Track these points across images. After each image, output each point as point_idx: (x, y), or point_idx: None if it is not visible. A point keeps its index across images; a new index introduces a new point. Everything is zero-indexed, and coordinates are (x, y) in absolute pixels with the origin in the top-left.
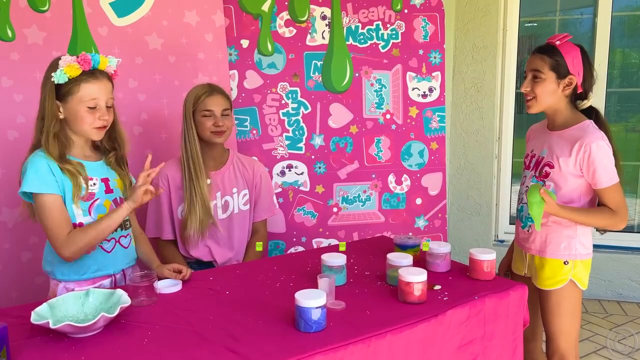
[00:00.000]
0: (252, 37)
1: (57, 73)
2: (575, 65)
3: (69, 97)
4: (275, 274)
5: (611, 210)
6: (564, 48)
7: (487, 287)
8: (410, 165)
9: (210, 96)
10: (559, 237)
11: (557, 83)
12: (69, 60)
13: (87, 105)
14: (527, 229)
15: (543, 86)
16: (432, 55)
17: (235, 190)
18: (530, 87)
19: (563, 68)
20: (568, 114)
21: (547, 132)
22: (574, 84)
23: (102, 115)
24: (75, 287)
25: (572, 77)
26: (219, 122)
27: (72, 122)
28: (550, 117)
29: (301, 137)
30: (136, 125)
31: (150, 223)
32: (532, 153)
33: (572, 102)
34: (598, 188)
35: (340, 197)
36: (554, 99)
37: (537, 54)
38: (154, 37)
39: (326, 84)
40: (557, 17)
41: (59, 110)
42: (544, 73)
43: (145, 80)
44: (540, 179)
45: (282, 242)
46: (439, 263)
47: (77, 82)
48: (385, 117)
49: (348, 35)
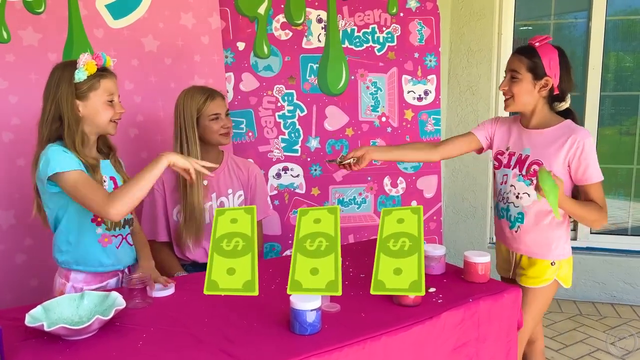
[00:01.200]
0: (248, 39)
1: (79, 72)
2: (552, 67)
3: (90, 93)
4: (270, 276)
5: (599, 206)
6: (542, 50)
7: (482, 289)
8: (406, 168)
9: (214, 100)
10: (550, 238)
11: (534, 84)
12: (87, 58)
13: (107, 100)
14: (516, 229)
15: (520, 86)
16: (428, 58)
17: (230, 191)
18: (508, 87)
19: (540, 69)
20: (545, 114)
21: (525, 131)
22: (549, 85)
23: (118, 108)
24: (84, 285)
25: (549, 79)
26: (226, 123)
27: (90, 118)
28: (526, 116)
29: (297, 140)
30: (132, 127)
31: (145, 225)
32: (509, 151)
33: (549, 104)
34: (587, 184)
35: (336, 200)
36: (530, 99)
37: (516, 55)
38: (150, 39)
39: (322, 86)
40: (552, 21)
41: (78, 110)
42: (521, 73)
43: (141, 82)
44: (528, 177)
45: (278, 245)
46: (433, 266)
47: (97, 78)
48: (381, 119)
49: (344, 38)
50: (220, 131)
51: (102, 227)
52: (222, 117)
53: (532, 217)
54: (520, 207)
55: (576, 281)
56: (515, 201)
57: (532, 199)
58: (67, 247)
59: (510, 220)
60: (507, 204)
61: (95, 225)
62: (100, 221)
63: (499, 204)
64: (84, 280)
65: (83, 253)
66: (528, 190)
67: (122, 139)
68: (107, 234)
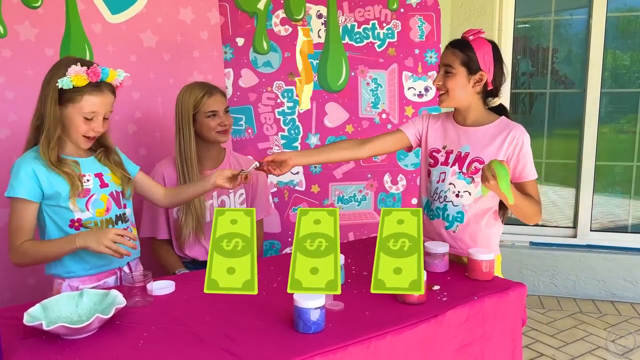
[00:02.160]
0: (248, 35)
1: (64, 80)
2: (486, 61)
3: (69, 104)
4: (272, 274)
5: (537, 201)
6: (476, 44)
7: (486, 287)
8: (406, 165)
9: (212, 96)
10: (489, 235)
11: (468, 78)
12: (78, 70)
13: (85, 117)
14: (454, 229)
15: (454, 81)
16: (428, 54)
17: (231, 190)
18: (442, 81)
19: (474, 63)
20: (481, 111)
21: (461, 128)
22: (484, 80)
23: (96, 127)
24: (80, 284)
25: (483, 73)
26: (224, 121)
27: (65, 126)
28: (462, 112)
29: (297, 137)
30: (130, 124)
31: (145, 222)
32: (447, 149)
33: (483, 100)
34: (525, 181)
35: (335, 197)
36: (465, 94)
37: (450, 48)
38: (149, 35)
39: (322, 83)
40: (552, 18)
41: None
42: (455, 68)
43: (140, 78)
44: (469, 175)
45: (278, 242)
46: (437, 263)
47: (81, 92)
48: (381, 116)
49: (344, 34)
50: (217, 128)
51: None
52: (220, 114)
53: (472, 215)
54: (459, 205)
55: (576, 279)
56: (455, 200)
57: (473, 197)
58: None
59: (448, 220)
60: (445, 202)
61: (75, 230)
62: (78, 226)
63: (432, 203)
64: (80, 279)
65: (69, 260)
66: (469, 188)
67: (120, 136)
68: None
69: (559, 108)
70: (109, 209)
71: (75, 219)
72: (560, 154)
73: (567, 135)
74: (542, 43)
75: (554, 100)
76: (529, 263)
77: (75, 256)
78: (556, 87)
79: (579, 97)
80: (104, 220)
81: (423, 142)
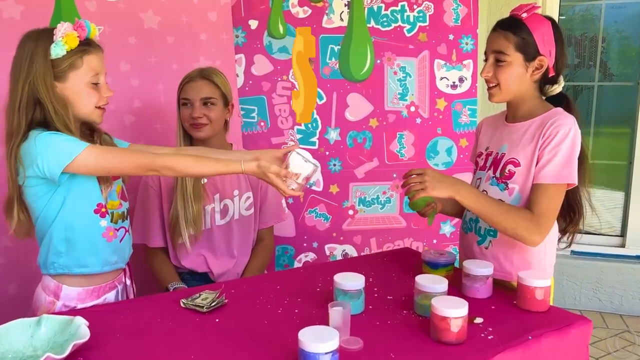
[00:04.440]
0: (262, 17)
1: (57, 46)
2: (546, 43)
3: (70, 73)
4: (277, 295)
5: (530, 213)
6: (532, 22)
7: (542, 321)
8: (437, 164)
9: (190, 82)
10: (531, 255)
11: (525, 66)
12: (67, 28)
13: (91, 81)
14: (486, 245)
15: (508, 71)
16: (464, 41)
17: (236, 192)
18: (493, 72)
19: (532, 48)
20: (534, 102)
21: (505, 126)
22: (545, 67)
23: (105, 91)
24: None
25: (543, 58)
26: (194, 112)
27: (70, 104)
28: (512, 106)
29: (314, 131)
30: (128, 114)
31: (136, 228)
32: (487, 151)
33: (541, 88)
34: (538, 182)
35: (356, 199)
36: (521, 86)
37: (500, 31)
38: (150, 15)
39: (344, 71)
40: (604, 1)
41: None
42: (509, 55)
43: (139, 64)
44: (502, 181)
45: (291, 248)
46: (478, 287)
47: (79, 54)
48: (410, 109)
49: (369, 17)
50: (189, 121)
51: (106, 218)
52: (195, 104)
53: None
54: None
55: (623, 293)
56: None
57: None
58: (65, 247)
59: (480, 234)
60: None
61: (99, 217)
62: (105, 212)
63: (467, 214)
64: (77, 297)
65: (86, 252)
66: (502, 196)
67: (117, 127)
68: (112, 227)
69: (607, 103)
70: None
71: (103, 203)
72: (607, 153)
73: (615, 133)
74: (589, 30)
75: (600, 95)
76: (569, 273)
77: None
78: (604, 80)
79: (632, 90)
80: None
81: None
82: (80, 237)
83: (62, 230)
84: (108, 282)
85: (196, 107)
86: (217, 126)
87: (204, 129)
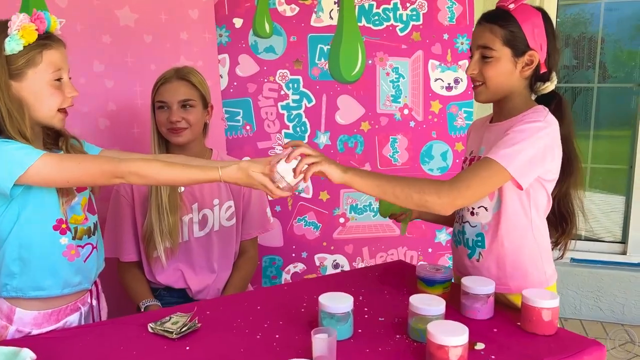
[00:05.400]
0: (247, 15)
1: (12, 40)
2: (537, 36)
3: (27, 71)
4: (257, 317)
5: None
6: (520, 14)
7: (550, 347)
8: (432, 170)
9: (167, 83)
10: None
11: (514, 62)
12: (23, 20)
13: (52, 79)
14: (477, 258)
15: (496, 67)
16: (459, 40)
17: (216, 201)
18: (478, 70)
19: (521, 41)
20: (520, 100)
21: (487, 127)
22: (535, 62)
23: (70, 90)
24: (34, 330)
25: (533, 53)
26: (172, 116)
27: (28, 107)
28: (498, 106)
29: (303, 135)
30: (102, 118)
31: (107, 240)
32: (470, 156)
33: (531, 87)
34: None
35: (348, 206)
36: (510, 84)
37: (485, 24)
38: (126, 12)
39: (334, 72)
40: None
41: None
42: (496, 50)
43: (115, 64)
44: None
45: (279, 258)
46: (478, 308)
47: (37, 49)
48: (403, 112)
49: (360, 16)
50: (167, 125)
51: (67, 235)
52: (172, 107)
53: (496, 237)
54: (477, 226)
55: (625, 302)
56: (471, 219)
57: (491, 212)
58: (19, 268)
59: (468, 246)
60: (462, 224)
61: (59, 234)
62: (66, 228)
63: (455, 226)
64: (33, 321)
65: (43, 273)
66: (484, 202)
67: (90, 131)
68: (74, 244)
69: (607, 105)
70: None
71: (63, 219)
72: (607, 157)
73: (615, 136)
74: (588, 30)
75: (600, 97)
76: (569, 282)
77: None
78: (604, 81)
79: (631, 92)
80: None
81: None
82: (36, 256)
83: (15, 249)
84: (70, 304)
85: (174, 110)
86: (196, 130)
87: (183, 134)
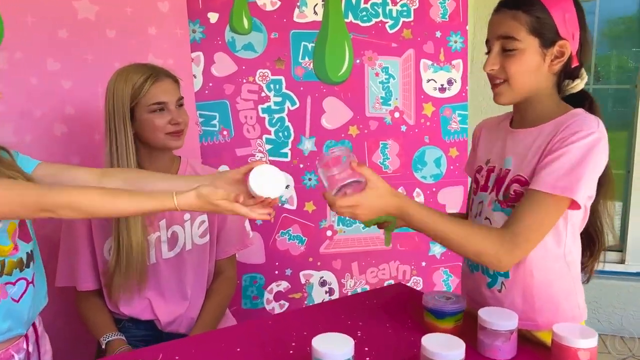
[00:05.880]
0: (223, 9)
1: None
2: (568, 23)
3: None
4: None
5: (502, 231)
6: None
7: None
8: (424, 177)
9: (158, 82)
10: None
11: (543, 54)
12: None
13: None
14: (498, 288)
15: (521, 61)
16: (452, 38)
17: (187, 217)
18: (499, 65)
19: (550, 29)
20: (549, 102)
21: (510, 132)
22: (567, 55)
23: None
24: None
25: (565, 43)
26: (177, 117)
27: None
28: (521, 108)
29: (286, 141)
30: (58, 123)
31: (61, 267)
32: (488, 166)
33: (559, 84)
34: (530, 188)
35: (335, 218)
36: (536, 81)
37: (507, 10)
38: (86, 3)
39: (319, 72)
40: None
41: None
42: (520, 40)
43: (72, 62)
44: (507, 204)
45: (261, 276)
46: (499, 346)
47: None
48: (394, 115)
49: (347, 11)
50: (167, 129)
51: None
52: (171, 108)
53: (521, 264)
54: None
55: (624, 313)
56: None
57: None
58: None
59: (489, 274)
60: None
61: None
62: None
63: None
64: None
65: None
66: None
67: (44, 139)
68: (1, 282)
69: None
70: (17, 246)
71: None
72: None
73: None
74: None
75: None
76: None
77: None
78: (598, 83)
79: (628, 94)
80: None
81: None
82: None
83: None
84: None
85: (174, 111)
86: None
87: (182, 136)
